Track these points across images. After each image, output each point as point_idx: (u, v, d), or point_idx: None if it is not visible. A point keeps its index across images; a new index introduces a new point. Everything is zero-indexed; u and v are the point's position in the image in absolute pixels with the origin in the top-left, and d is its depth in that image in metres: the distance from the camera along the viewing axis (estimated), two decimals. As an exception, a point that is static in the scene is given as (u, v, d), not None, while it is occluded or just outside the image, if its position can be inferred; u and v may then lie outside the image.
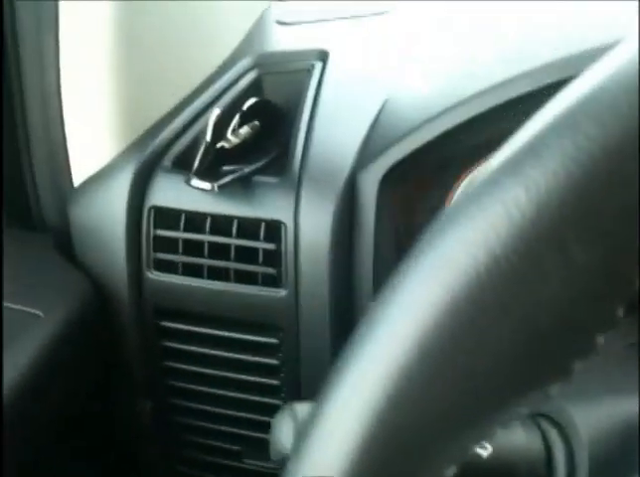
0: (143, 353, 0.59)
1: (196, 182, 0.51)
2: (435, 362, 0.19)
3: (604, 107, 0.18)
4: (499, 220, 0.19)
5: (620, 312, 0.20)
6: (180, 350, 0.58)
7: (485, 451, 0.34)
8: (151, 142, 0.57)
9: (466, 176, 0.55)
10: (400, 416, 0.20)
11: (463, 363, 0.19)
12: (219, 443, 0.63)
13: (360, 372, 0.21)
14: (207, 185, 0.51)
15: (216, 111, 0.53)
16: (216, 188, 0.50)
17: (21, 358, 0.49)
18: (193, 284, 0.56)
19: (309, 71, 0.62)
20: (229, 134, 0.55)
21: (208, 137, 0.51)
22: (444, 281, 0.19)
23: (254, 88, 0.63)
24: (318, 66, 0.62)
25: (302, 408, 0.35)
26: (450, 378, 0.19)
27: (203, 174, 0.52)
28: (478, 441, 0.20)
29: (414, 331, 0.19)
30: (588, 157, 0.17)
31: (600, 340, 0.20)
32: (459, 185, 0.55)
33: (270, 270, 0.54)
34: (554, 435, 0.35)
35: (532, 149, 0.19)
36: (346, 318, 0.55)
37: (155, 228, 0.55)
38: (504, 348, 0.19)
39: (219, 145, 0.54)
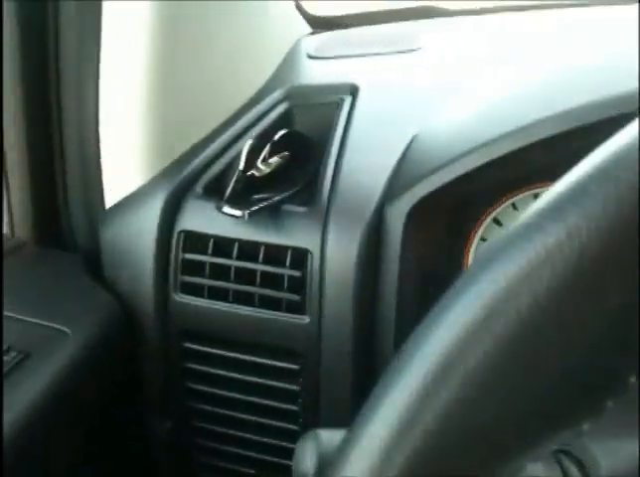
0: (166, 373, 0.60)
1: (227, 209, 0.52)
2: (475, 401, 0.20)
3: None
4: (542, 264, 0.20)
5: None
6: (201, 372, 0.59)
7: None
8: (184, 168, 0.59)
9: (490, 214, 0.56)
10: (434, 454, 0.20)
11: (501, 401, 0.20)
12: (235, 466, 0.64)
13: (401, 406, 0.21)
14: (238, 212, 0.52)
15: (249, 141, 0.55)
16: (246, 215, 0.52)
17: (47, 372, 0.50)
18: (218, 308, 0.57)
19: (339, 104, 0.64)
20: (259, 163, 0.57)
21: (241, 166, 0.53)
22: (485, 321, 0.20)
23: (285, 120, 0.64)
24: (348, 100, 0.64)
25: (326, 435, 0.36)
26: (489, 418, 0.20)
27: (234, 201, 0.54)
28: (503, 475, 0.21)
29: (456, 369, 0.20)
30: (629, 205, 0.18)
31: (633, 380, 0.21)
32: (483, 221, 0.56)
33: (295, 297, 0.55)
34: (574, 473, 0.35)
35: (574, 197, 0.20)
36: (367, 349, 0.56)
37: (184, 251, 0.57)
38: (541, 386, 0.20)
39: (249, 173, 0.56)
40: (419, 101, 0.63)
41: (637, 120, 0.21)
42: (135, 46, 0.57)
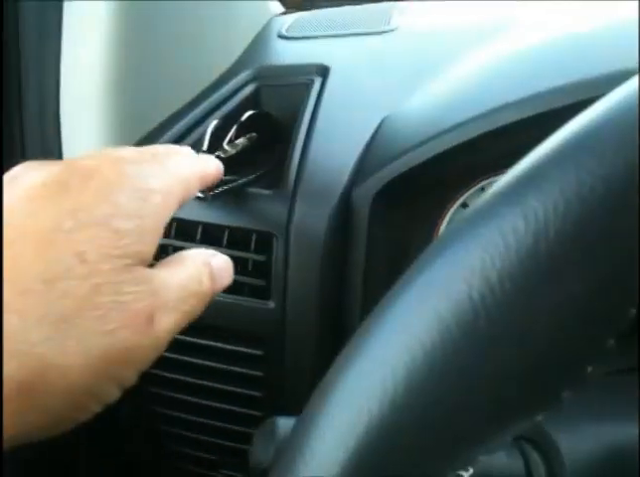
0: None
1: (189, 190, 0.51)
2: (423, 388, 0.19)
3: (605, 142, 0.18)
4: (496, 248, 0.19)
5: (611, 343, 0.20)
6: (162, 357, 0.58)
7: (466, 473, 0.34)
8: (147, 148, 0.57)
9: (458, 198, 0.55)
10: (383, 444, 0.19)
11: (451, 389, 0.19)
12: (197, 452, 0.63)
13: (346, 395, 0.20)
14: (200, 193, 0.50)
15: (214, 122, 0.53)
16: (209, 198, 0.50)
17: None
18: (181, 292, 0.55)
19: (308, 85, 0.62)
20: (225, 145, 0.55)
21: (204, 146, 0.51)
22: (436, 306, 0.19)
23: (253, 101, 0.63)
24: (318, 81, 0.63)
25: (285, 423, 0.35)
26: (437, 404, 0.19)
27: (197, 182, 0.52)
28: (460, 469, 0.20)
29: (403, 354, 0.19)
30: (589, 191, 0.18)
31: (590, 370, 0.20)
32: (452, 205, 0.55)
33: (259, 282, 0.54)
34: (535, 459, 0.35)
35: (532, 181, 0.19)
36: (333, 334, 0.55)
37: (146, 234, 0.55)
38: (494, 376, 0.19)
39: (214, 155, 0.54)
40: (392, 83, 0.62)
41: (597, 104, 0.20)
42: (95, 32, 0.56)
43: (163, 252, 0.55)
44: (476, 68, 0.58)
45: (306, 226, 0.52)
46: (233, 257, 0.54)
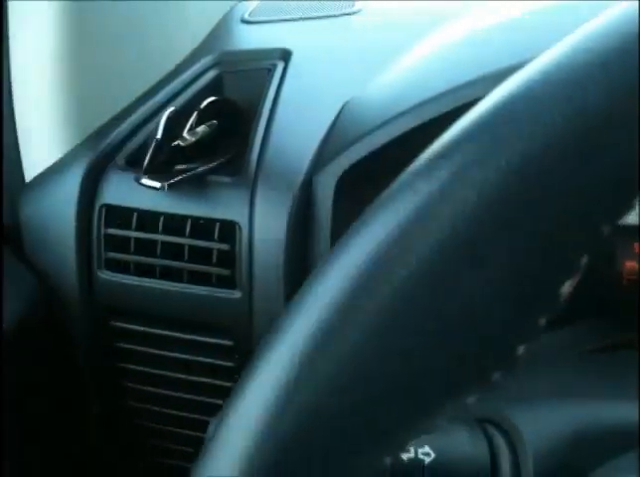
0: (95, 353, 0.58)
1: (146, 180, 0.50)
2: (348, 369, 0.19)
3: (519, 117, 0.18)
4: (413, 226, 0.18)
5: (542, 322, 0.19)
6: (132, 350, 0.57)
7: (428, 457, 0.33)
8: (104, 139, 0.56)
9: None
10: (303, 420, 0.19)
11: (379, 367, 0.19)
12: (173, 445, 0.62)
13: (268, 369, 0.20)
14: (157, 183, 0.50)
15: (169, 109, 0.52)
16: (166, 187, 0.49)
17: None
18: (145, 284, 0.54)
19: (270, 70, 0.61)
20: (185, 133, 0.54)
21: (158, 134, 0.50)
22: (354, 291, 0.19)
23: (215, 87, 0.62)
24: (280, 65, 0.61)
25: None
26: (364, 382, 0.19)
27: (155, 172, 0.51)
28: (387, 455, 0.19)
29: (319, 345, 0.18)
30: (505, 163, 0.17)
31: (521, 351, 0.19)
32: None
33: (224, 271, 0.53)
34: (499, 442, 0.35)
35: (446, 154, 0.18)
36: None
37: (106, 226, 0.54)
38: (420, 360, 0.18)
39: (174, 144, 0.53)
40: (355, 65, 0.61)
41: (516, 74, 0.19)
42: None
43: (125, 244, 0.54)
44: (436, 49, 0.57)
45: (269, 213, 0.51)
46: (196, 247, 0.54)
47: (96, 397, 0.60)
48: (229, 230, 0.52)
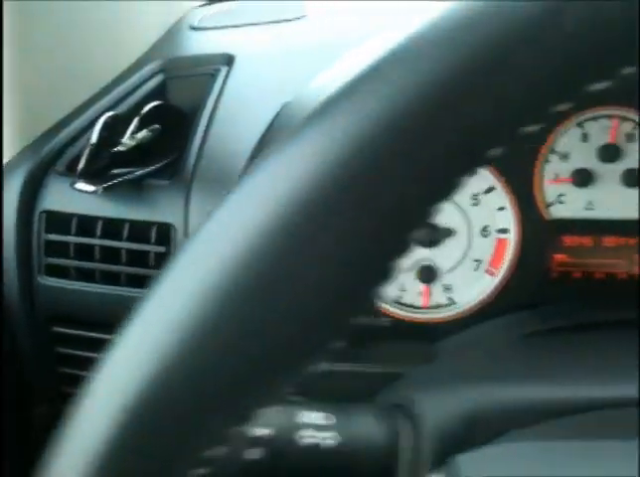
0: (37, 359, 0.58)
1: (80, 184, 0.50)
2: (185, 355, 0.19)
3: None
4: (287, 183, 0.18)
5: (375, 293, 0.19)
6: (74, 356, 0.57)
7: (333, 440, 0.33)
8: (45, 146, 0.56)
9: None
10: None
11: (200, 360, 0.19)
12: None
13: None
14: (91, 187, 0.50)
15: (106, 114, 0.53)
16: (100, 190, 0.50)
17: None
18: (85, 289, 0.55)
19: (213, 75, 0.62)
20: (125, 138, 0.55)
21: (93, 139, 0.51)
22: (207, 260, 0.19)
23: (159, 92, 0.62)
24: (223, 70, 0.62)
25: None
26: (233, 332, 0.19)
27: (92, 177, 0.52)
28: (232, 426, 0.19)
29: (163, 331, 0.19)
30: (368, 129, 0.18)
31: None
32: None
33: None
34: (402, 424, 0.35)
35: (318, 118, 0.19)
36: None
37: (46, 232, 0.54)
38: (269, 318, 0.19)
39: (115, 149, 0.54)
40: (297, 70, 0.61)
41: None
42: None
43: (65, 250, 0.54)
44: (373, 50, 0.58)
45: (203, 215, 0.52)
46: (133, 251, 0.54)
47: (38, 401, 0.60)
48: (165, 232, 0.53)
